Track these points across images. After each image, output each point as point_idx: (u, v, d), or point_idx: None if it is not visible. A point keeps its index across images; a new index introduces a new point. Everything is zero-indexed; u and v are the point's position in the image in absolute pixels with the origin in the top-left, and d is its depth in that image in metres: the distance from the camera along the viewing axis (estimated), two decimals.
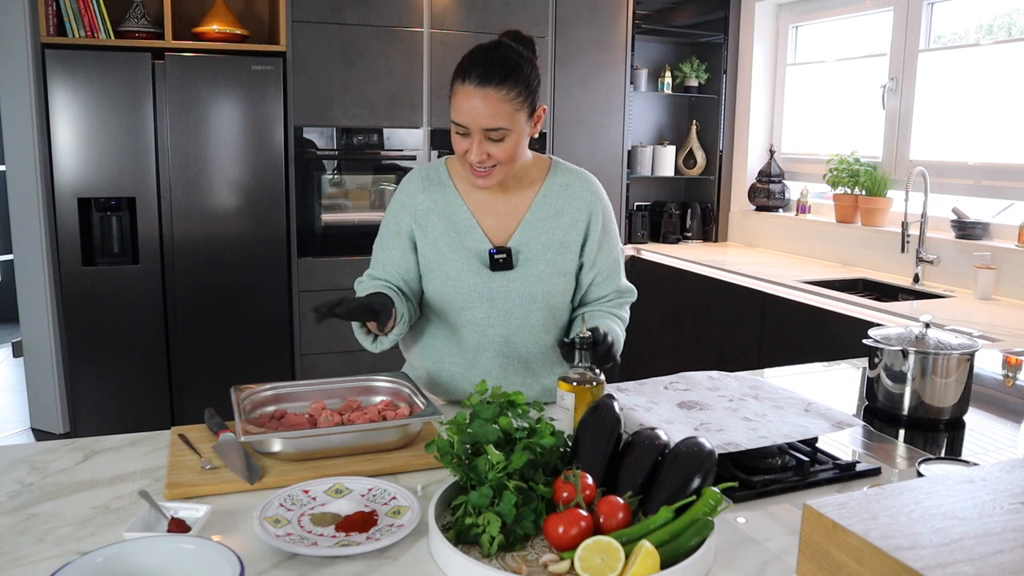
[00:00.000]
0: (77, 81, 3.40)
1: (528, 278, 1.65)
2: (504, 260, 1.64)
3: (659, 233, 4.68)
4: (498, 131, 1.50)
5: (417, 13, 3.88)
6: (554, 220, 1.68)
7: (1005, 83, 3.31)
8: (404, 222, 1.69)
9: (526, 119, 1.54)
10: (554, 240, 1.67)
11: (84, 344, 3.57)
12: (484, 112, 1.48)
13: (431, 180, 1.70)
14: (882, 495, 0.77)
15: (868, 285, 3.51)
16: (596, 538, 0.98)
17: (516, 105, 1.50)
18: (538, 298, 1.66)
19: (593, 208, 1.71)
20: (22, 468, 1.32)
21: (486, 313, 1.66)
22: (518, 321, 1.67)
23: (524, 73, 1.52)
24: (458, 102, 1.51)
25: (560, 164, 1.74)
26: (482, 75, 1.48)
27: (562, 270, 1.68)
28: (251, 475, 1.26)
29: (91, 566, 0.88)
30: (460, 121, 1.51)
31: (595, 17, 4.22)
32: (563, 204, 1.69)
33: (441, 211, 1.67)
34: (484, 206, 1.67)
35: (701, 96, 4.76)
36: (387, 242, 1.71)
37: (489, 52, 1.52)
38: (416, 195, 1.69)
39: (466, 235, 1.66)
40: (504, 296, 1.65)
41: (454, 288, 1.65)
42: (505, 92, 1.48)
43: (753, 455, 1.31)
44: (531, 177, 1.69)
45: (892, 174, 3.75)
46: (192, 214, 3.64)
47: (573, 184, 1.71)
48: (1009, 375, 2.02)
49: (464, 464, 1.12)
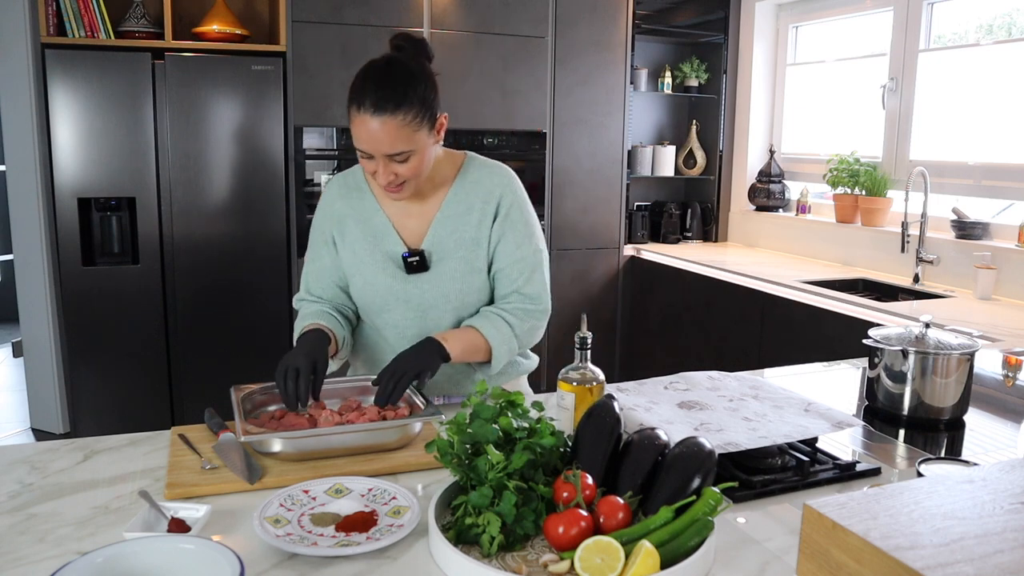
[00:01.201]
0: (77, 81, 3.40)
1: (441, 278, 1.64)
2: (417, 263, 1.64)
3: (659, 233, 4.68)
4: (401, 154, 1.49)
5: (417, 13, 3.88)
6: (465, 217, 1.66)
7: (1005, 83, 3.31)
8: (328, 230, 1.70)
9: (428, 133, 1.52)
10: (466, 237, 1.65)
11: (84, 344, 3.57)
12: (384, 139, 1.46)
13: (348, 187, 1.71)
14: (882, 495, 0.77)
15: (868, 285, 3.51)
16: (596, 538, 0.98)
17: (415, 126, 1.48)
18: (451, 297, 1.65)
19: (501, 198, 1.67)
20: (22, 468, 1.32)
21: (403, 315, 1.66)
22: (433, 322, 1.66)
23: (419, 92, 1.48)
24: (356, 130, 1.48)
25: (474, 159, 1.71)
26: (376, 103, 1.45)
27: (475, 267, 1.65)
28: (251, 475, 1.26)
29: (91, 566, 0.88)
30: (362, 148, 1.50)
31: (595, 17, 4.22)
32: (474, 199, 1.66)
33: (358, 216, 1.68)
34: (400, 209, 1.67)
35: (701, 96, 4.76)
36: (317, 252, 1.72)
37: (382, 75, 1.48)
38: (334, 203, 1.71)
39: (382, 239, 1.66)
40: (419, 297, 1.65)
41: (372, 291, 1.66)
42: (402, 117, 1.46)
43: (753, 455, 1.31)
44: (444, 175, 1.67)
45: (892, 174, 3.75)
46: (192, 214, 3.64)
47: (484, 178, 1.68)
48: (1009, 375, 2.02)
49: (464, 464, 1.12)
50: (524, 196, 1.72)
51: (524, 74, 4.11)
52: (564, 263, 4.36)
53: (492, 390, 1.20)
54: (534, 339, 1.72)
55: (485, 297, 1.69)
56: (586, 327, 1.42)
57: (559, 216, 4.31)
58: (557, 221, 4.31)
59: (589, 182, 4.35)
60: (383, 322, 1.69)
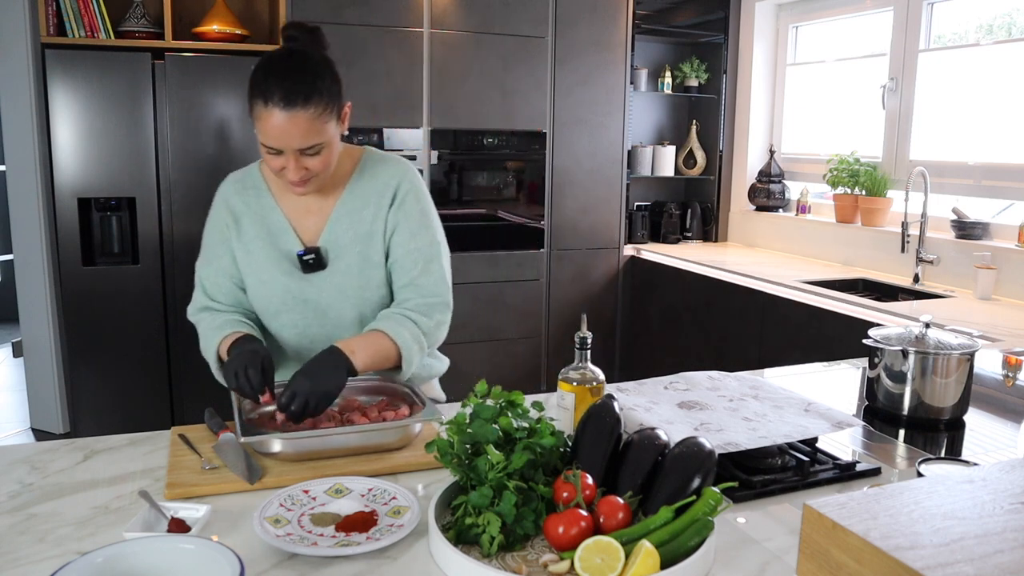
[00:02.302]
0: (77, 81, 3.40)
1: (338, 274, 1.61)
2: (314, 260, 1.60)
3: (659, 233, 4.68)
4: (313, 147, 1.46)
5: (417, 13, 3.88)
6: (361, 212, 1.63)
7: (1005, 83, 3.31)
8: (224, 229, 1.65)
9: (335, 124, 1.50)
10: (361, 232, 1.62)
11: (84, 344, 3.57)
12: (295, 134, 1.43)
13: (245, 184, 1.66)
14: (882, 495, 0.77)
15: (868, 285, 3.51)
16: (596, 538, 0.98)
17: (325, 118, 1.46)
18: (349, 294, 1.62)
19: (398, 187, 1.63)
20: (22, 468, 1.32)
21: (302, 315, 1.63)
22: (334, 320, 1.63)
23: (326, 83, 1.46)
24: (264, 126, 1.44)
25: (373, 154, 1.68)
26: (285, 96, 1.41)
27: (371, 261, 1.62)
28: (251, 475, 1.26)
29: (91, 566, 0.88)
30: (271, 145, 1.45)
31: (595, 17, 4.22)
32: (370, 193, 1.63)
33: (254, 214, 1.63)
34: (297, 207, 1.64)
35: (701, 96, 4.76)
36: (214, 252, 1.66)
37: (286, 68, 1.45)
38: (230, 198, 1.65)
39: (278, 237, 1.62)
40: (316, 295, 1.61)
41: (268, 291, 1.61)
42: (312, 110, 1.43)
43: (753, 455, 1.31)
44: (342, 171, 1.63)
45: (892, 174, 3.75)
46: (192, 214, 3.64)
47: (380, 172, 1.65)
48: (1009, 375, 2.02)
49: (464, 464, 1.12)
50: (422, 187, 1.68)
51: (524, 74, 4.11)
52: (564, 263, 4.36)
53: (493, 391, 1.20)
54: (441, 335, 1.67)
55: (385, 292, 1.65)
56: (586, 327, 1.42)
57: (559, 216, 4.31)
58: (557, 221, 4.31)
59: (589, 182, 4.35)
60: (280, 324, 1.65)
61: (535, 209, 4.25)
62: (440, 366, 1.83)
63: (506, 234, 4.23)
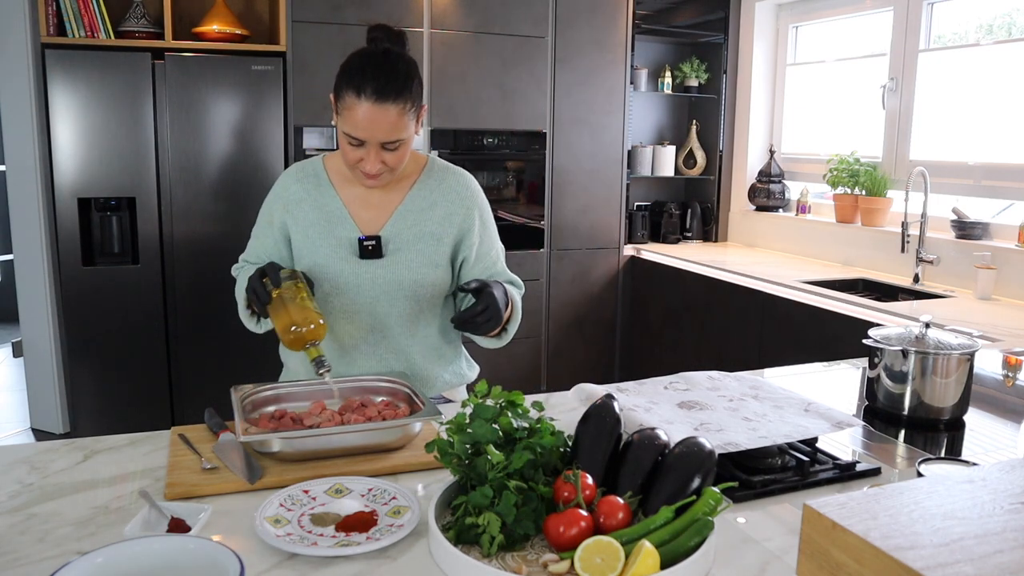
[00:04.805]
0: (77, 81, 3.40)
1: (395, 266, 1.68)
2: (373, 248, 1.67)
3: (659, 233, 4.68)
4: (395, 143, 1.55)
5: (417, 13, 3.88)
6: (427, 212, 1.71)
7: (1005, 83, 3.31)
8: (276, 213, 1.73)
9: (415, 124, 1.59)
10: (426, 231, 1.70)
11: (84, 344, 3.57)
12: (384, 127, 1.52)
13: (306, 172, 1.74)
14: (882, 495, 0.77)
15: (868, 285, 3.52)
16: (596, 538, 0.98)
17: (410, 116, 1.55)
18: (404, 286, 1.68)
19: (471, 204, 1.75)
20: (22, 468, 1.32)
21: (353, 300, 1.68)
22: (384, 309, 1.69)
23: (414, 83, 1.55)
24: (353, 116, 1.52)
25: (437, 161, 1.79)
26: (379, 90, 1.50)
27: (433, 261, 1.70)
28: (251, 475, 1.26)
29: (91, 566, 0.88)
30: (357, 136, 1.53)
31: (595, 17, 4.22)
32: (438, 197, 1.72)
33: (313, 200, 1.71)
34: (357, 198, 1.71)
35: (701, 96, 4.76)
36: (261, 231, 1.76)
37: (381, 64, 1.53)
38: (289, 186, 1.73)
39: (337, 224, 1.69)
40: (370, 283, 1.67)
41: (321, 274, 1.67)
42: (401, 105, 1.52)
43: (753, 455, 1.31)
44: (406, 171, 1.72)
45: (892, 174, 3.75)
46: (192, 214, 3.64)
47: (450, 179, 1.75)
48: (1009, 375, 2.02)
49: (464, 464, 1.12)
50: (486, 201, 1.83)
51: (524, 74, 4.11)
52: (564, 263, 4.36)
53: (493, 391, 1.20)
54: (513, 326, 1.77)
55: (440, 293, 1.74)
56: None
57: (559, 216, 4.31)
58: (557, 221, 4.31)
59: (589, 182, 4.35)
60: (329, 307, 1.69)
61: (535, 209, 4.25)
62: (471, 373, 1.88)
63: (506, 234, 4.18)
